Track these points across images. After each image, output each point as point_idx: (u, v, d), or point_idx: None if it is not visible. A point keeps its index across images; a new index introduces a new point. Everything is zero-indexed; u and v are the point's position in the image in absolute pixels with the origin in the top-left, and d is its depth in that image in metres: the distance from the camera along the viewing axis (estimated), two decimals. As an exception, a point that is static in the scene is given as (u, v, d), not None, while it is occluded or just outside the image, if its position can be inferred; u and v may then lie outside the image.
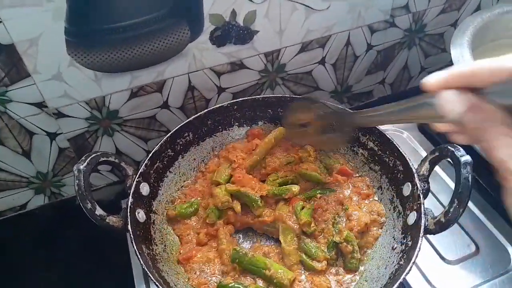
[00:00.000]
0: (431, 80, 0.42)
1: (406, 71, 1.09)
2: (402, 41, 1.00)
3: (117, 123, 0.85)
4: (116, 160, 0.62)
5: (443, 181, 0.83)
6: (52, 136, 0.81)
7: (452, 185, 0.83)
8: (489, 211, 0.78)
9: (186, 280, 0.64)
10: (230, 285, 0.60)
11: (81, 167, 0.56)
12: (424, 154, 0.66)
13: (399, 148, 0.66)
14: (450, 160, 0.57)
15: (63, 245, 0.91)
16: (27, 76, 0.71)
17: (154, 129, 0.90)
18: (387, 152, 0.70)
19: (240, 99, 0.78)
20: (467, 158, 0.54)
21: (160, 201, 0.72)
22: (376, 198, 0.72)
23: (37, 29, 0.67)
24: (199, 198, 0.74)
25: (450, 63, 1.11)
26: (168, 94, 0.84)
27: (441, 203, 0.79)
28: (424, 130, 0.93)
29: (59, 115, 0.78)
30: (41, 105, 0.76)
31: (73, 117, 0.80)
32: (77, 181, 0.55)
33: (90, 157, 0.58)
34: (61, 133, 0.81)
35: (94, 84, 0.77)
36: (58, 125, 0.80)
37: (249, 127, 0.83)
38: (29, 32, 0.66)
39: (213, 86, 0.87)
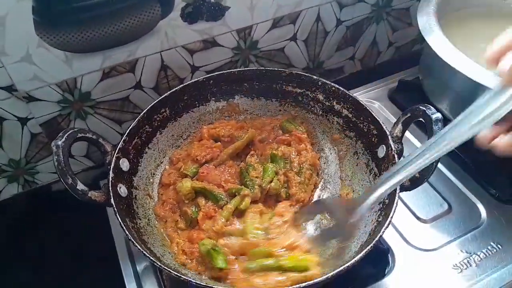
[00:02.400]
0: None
1: (375, 46, 1.12)
2: (370, 16, 1.03)
3: (90, 106, 0.84)
4: (94, 136, 0.62)
5: (413, 145, 0.86)
6: (24, 121, 0.79)
7: (415, 141, 0.87)
8: (459, 172, 0.82)
9: (174, 252, 0.65)
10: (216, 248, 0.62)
11: (59, 142, 0.55)
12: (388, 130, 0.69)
13: (373, 113, 0.68)
14: (422, 119, 0.59)
15: (38, 235, 0.90)
16: (-6, 58, 0.69)
17: (128, 111, 0.89)
18: (361, 118, 0.72)
19: (216, 73, 0.78)
20: (438, 115, 0.57)
21: (140, 177, 0.72)
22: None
23: (2, 9, 0.64)
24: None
25: (417, 37, 1.16)
26: (141, 74, 0.84)
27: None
28: (395, 100, 0.96)
29: (29, 99, 0.76)
30: (10, 89, 0.73)
31: (44, 100, 0.78)
32: (56, 157, 0.54)
33: (67, 133, 0.57)
34: (33, 118, 0.80)
35: (65, 65, 0.75)
36: (29, 109, 0.78)
37: (226, 102, 0.83)
38: (-6, 11, 0.64)
39: (186, 65, 0.87)
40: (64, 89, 0.78)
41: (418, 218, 0.76)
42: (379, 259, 0.69)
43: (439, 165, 0.73)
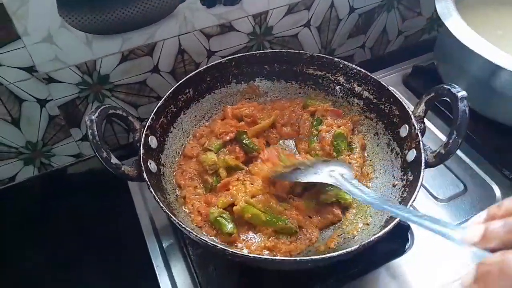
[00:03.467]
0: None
1: (384, 34, 1.13)
2: (382, 4, 1.04)
3: (108, 89, 0.84)
4: (124, 114, 0.63)
5: (430, 131, 0.88)
6: (42, 103, 0.79)
7: (438, 133, 0.89)
8: (473, 155, 0.84)
9: (190, 211, 0.68)
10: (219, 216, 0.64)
11: (93, 117, 0.56)
12: (410, 106, 0.70)
13: (395, 94, 0.70)
14: (447, 98, 0.60)
15: (53, 217, 0.90)
16: (17, 38, 0.69)
17: (144, 95, 0.89)
18: (383, 99, 0.74)
19: (238, 55, 0.80)
20: (463, 93, 0.58)
21: (167, 155, 0.73)
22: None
23: (27, -12, 0.65)
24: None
25: (425, 26, 1.18)
26: (159, 58, 0.84)
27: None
28: (409, 85, 0.98)
29: (49, 80, 0.77)
30: (31, 70, 0.74)
31: (63, 82, 0.78)
32: (90, 131, 0.55)
33: (100, 109, 0.58)
34: (51, 100, 0.80)
35: (85, 47, 0.76)
36: (48, 91, 0.78)
37: (246, 84, 0.84)
38: (18, -10, 0.65)
39: (202, 49, 0.88)
40: (84, 71, 0.79)
41: (435, 198, 0.78)
42: (399, 236, 0.71)
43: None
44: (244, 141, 0.75)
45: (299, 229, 0.65)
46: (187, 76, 0.75)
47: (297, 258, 0.55)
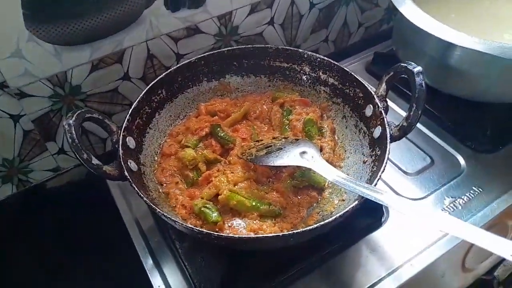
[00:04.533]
0: None
1: (346, 27, 1.18)
2: (340, -3, 1.09)
3: (81, 99, 0.85)
4: (100, 117, 0.64)
5: (397, 113, 0.93)
6: (16, 118, 0.80)
7: (400, 111, 0.94)
8: (436, 129, 0.89)
9: (174, 206, 0.69)
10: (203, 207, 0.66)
11: (70, 121, 0.57)
12: (373, 89, 0.75)
13: (358, 78, 0.74)
14: (405, 75, 0.64)
15: (37, 233, 0.90)
16: (-16, 55, 0.70)
17: (117, 103, 0.91)
18: (347, 84, 0.77)
19: (207, 53, 0.82)
20: (418, 68, 0.62)
21: (145, 155, 0.74)
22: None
23: (-9, 3, 0.66)
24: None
25: (383, 17, 1.23)
26: (128, 64, 0.86)
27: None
28: (372, 71, 1.03)
29: (21, 95, 0.77)
30: (2, 86, 0.74)
31: (36, 96, 0.79)
32: (69, 134, 0.56)
33: (76, 113, 0.59)
34: (25, 115, 0.80)
35: (55, 59, 0.77)
36: (21, 106, 0.79)
37: (217, 81, 0.87)
38: (-17, 6, 0.66)
39: (171, 53, 0.90)
40: (55, 83, 0.80)
41: (404, 172, 0.82)
42: (375, 210, 0.74)
43: (418, 125, 0.80)
44: (219, 134, 0.77)
45: (282, 211, 0.68)
46: (159, 77, 0.77)
47: (280, 234, 0.58)
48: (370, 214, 0.73)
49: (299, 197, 0.70)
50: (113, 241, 0.81)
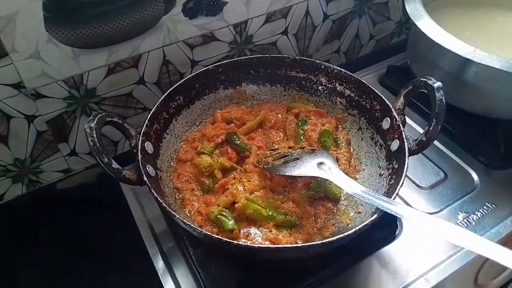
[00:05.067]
0: None
1: (357, 39, 1.19)
2: (354, 10, 1.09)
3: (95, 102, 0.85)
4: (120, 121, 0.64)
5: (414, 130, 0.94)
6: (30, 118, 0.80)
7: (415, 126, 0.94)
8: (449, 144, 0.89)
9: (190, 213, 0.69)
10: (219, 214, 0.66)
11: (92, 124, 0.58)
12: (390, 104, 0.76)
13: (375, 90, 0.74)
14: (424, 90, 0.65)
15: (46, 234, 0.90)
16: (4, 55, 0.70)
17: (131, 107, 0.91)
18: (364, 96, 0.78)
19: (224, 61, 0.83)
20: (439, 83, 0.63)
21: (162, 160, 0.75)
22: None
23: (13, 6, 0.66)
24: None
25: (395, 30, 1.24)
26: (144, 69, 0.86)
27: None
28: (385, 84, 1.03)
29: (37, 96, 0.77)
30: (18, 86, 0.75)
31: (51, 97, 0.79)
32: (90, 138, 0.56)
33: (98, 116, 0.60)
34: (39, 115, 0.80)
35: (72, 62, 0.77)
36: (36, 106, 0.79)
37: (233, 89, 0.87)
38: (5, 8, 0.66)
39: (186, 60, 0.91)
40: (71, 86, 0.80)
41: (418, 186, 0.82)
42: (389, 223, 0.74)
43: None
44: (235, 142, 0.77)
45: (298, 221, 0.68)
46: (177, 84, 0.77)
47: (299, 244, 0.58)
48: (384, 228, 0.73)
49: (314, 208, 0.70)
50: (123, 244, 0.81)
